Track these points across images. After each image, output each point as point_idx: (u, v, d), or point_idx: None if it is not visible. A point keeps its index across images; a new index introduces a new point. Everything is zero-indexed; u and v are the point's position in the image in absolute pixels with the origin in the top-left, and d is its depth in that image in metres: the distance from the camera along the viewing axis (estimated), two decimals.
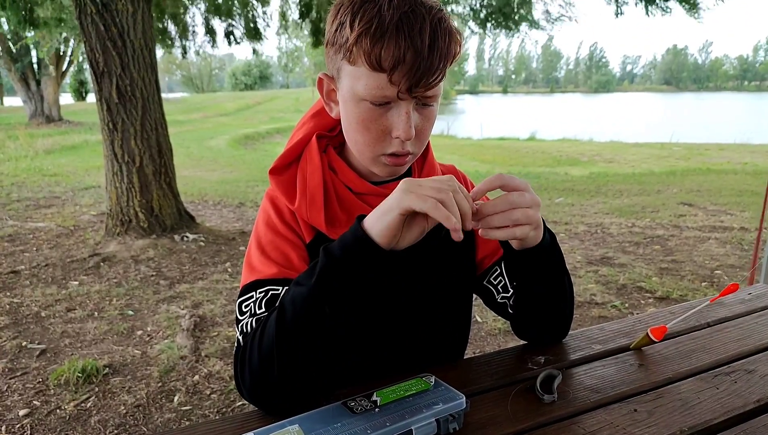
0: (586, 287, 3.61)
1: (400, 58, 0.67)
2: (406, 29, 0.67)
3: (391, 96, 0.71)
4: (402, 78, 0.69)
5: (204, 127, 18.37)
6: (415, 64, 0.67)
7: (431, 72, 0.69)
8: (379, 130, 0.75)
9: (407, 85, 0.69)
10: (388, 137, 0.75)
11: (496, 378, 0.85)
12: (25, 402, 2.29)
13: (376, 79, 0.70)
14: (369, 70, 0.69)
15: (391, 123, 0.74)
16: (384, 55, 0.67)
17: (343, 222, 0.83)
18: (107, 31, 4.08)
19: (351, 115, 0.76)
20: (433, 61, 0.68)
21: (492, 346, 2.84)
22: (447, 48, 0.70)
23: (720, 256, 4.25)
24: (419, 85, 0.69)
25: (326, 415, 0.68)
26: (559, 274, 0.85)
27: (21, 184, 7.34)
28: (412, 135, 0.74)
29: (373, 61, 0.68)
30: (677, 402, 0.79)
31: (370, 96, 0.72)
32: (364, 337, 0.88)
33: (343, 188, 0.85)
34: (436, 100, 0.75)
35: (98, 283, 3.65)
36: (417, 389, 0.74)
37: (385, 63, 0.68)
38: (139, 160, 4.39)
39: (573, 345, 0.97)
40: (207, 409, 2.28)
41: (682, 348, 0.96)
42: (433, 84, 0.71)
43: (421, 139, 0.79)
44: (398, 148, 0.76)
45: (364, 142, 0.77)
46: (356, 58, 0.70)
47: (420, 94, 0.72)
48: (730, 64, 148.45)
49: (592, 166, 10.34)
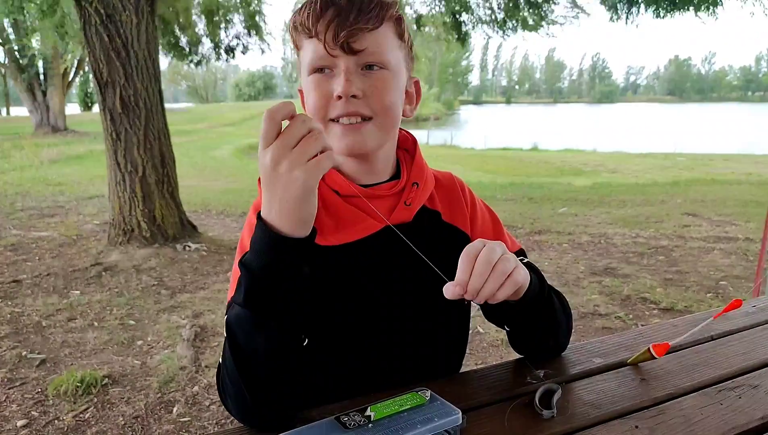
0: (589, 298, 3.58)
1: (320, 14, 0.75)
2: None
3: (324, 55, 0.76)
4: (325, 31, 0.75)
5: (208, 137, 18.48)
6: (334, 14, 0.74)
7: (349, 18, 0.74)
8: (322, 93, 0.78)
9: (332, 35, 0.74)
10: (332, 100, 0.78)
11: (493, 392, 0.83)
12: (24, 412, 2.27)
13: (311, 45, 0.77)
14: (306, 41, 0.78)
15: (334, 86, 0.77)
16: (309, 20, 0.76)
17: (329, 228, 0.83)
18: (111, 42, 4.11)
19: (306, 93, 0.81)
20: (352, 8, 0.74)
21: (494, 358, 2.81)
22: (367, 4, 0.75)
23: (725, 267, 4.22)
24: (341, 32, 0.74)
25: (318, 431, 0.67)
26: (551, 305, 0.86)
27: (25, 194, 7.38)
28: (352, 90, 0.76)
29: (305, 29, 0.77)
30: (680, 418, 0.77)
31: (311, 63, 0.78)
32: (356, 348, 0.87)
33: (330, 193, 0.84)
34: (379, 61, 0.77)
35: (100, 292, 3.65)
36: (412, 404, 0.72)
37: (310, 24, 0.76)
38: (142, 170, 4.40)
39: (573, 358, 0.95)
40: (206, 420, 2.26)
41: (685, 362, 0.94)
42: (355, 28, 0.74)
43: (376, 103, 0.78)
44: (342, 109, 0.77)
45: (315, 110, 0.79)
46: (299, 39, 0.79)
47: (345, 41, 0.74)
48: (734, 75, 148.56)
49: (595, 176, 10.32)
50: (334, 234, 0.83)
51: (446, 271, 0.91)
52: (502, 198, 7.42)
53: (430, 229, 0.90)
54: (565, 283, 3.90)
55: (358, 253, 0.84)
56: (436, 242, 0.90)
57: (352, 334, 0.86)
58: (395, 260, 0.86)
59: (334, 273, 0.84)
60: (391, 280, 0.87)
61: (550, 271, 4.17)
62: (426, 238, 0.88)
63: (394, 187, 0.86)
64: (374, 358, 0.86)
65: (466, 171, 11.11)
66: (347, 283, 0.85)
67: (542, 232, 5.40)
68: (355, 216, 0.84)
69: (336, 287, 0.84)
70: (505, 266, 0.69)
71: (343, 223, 0.83)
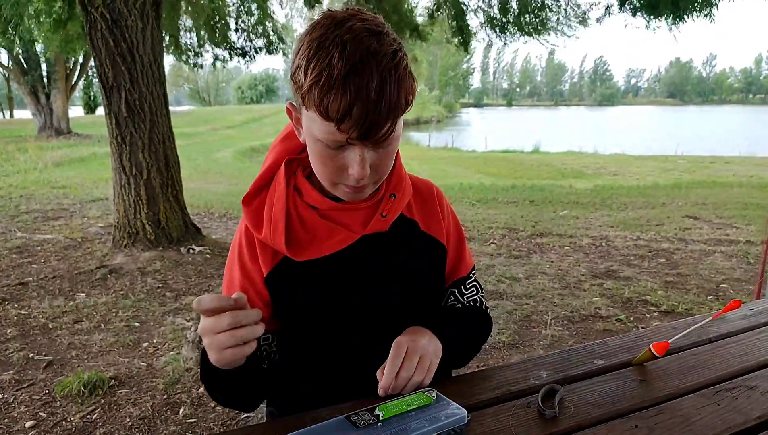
0: (590, 301, 3.60)
1: (347, 110, 0.68)
2: (352, 82, 0.67)
3: (343, 141, 0.73)
4: (350, 129, 0.70)
5: (211, 140, 18.51)
6: (362, 116, 0.68)
7: (379, 124, 0.70)
8: (335, 166, 0.77)
9: (356, 134, 0.71)
10: (344, 173, 0.77)
11: (497, 392, 0.86)
12: (32, 414, 2.30)
13: (327, 126, 0.71)
14: (320, 118, 0.71)
15: (347, 162, 0.76)
16: (332, 108, 0.68)
17: (305, 243, 0.86)
18: (117, 46, 4.14)
19: (311, 149, 0.79)
20: (381, 114, 0.69)
21: (496, 360, 2.83)
22: (396, 100, 0.70)
23: (726, 270, 4.23)
24: (368, 136, 0.71)
25: (329, 429, 0.70)
26: (471, 339, 1.01)
27: (30, 196, 7.41)
28: (366, 174, 0.76)
29: (322, 111, 0.70)
30: (678, 418, 0.79)
31: (324, 139, 0.73)
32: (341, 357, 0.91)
33: (307, 209, 0.87)
34: (392, 142, 0.76)
35: (105, 294, 3.67)
36: (419, 403, 0.75)
37: (333, 114, 0.69)
38: (147, 173, 4.43)
39: (575, 360, 0.97)
40: (212, 421, 2.28)
41: (684, 364, 0.96)
42: (382, 136, 0.72)
43: (380, 173, 0.80)
44: (354, 183, 0.78)
45: (323, 174, 0.80)
46: (309, 105, 0.71)
47: (371, 142, 0.73)
48: (735, 77, 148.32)
49: (596, 178, 10.33)
50: (309, 248, 0.86)
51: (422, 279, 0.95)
52: (503, 200, 7.44)
53: (407, 239, 0.93)
54: (566, 285, 3.92)
55: (335, 265, 0.87)
56: (413, 251, 0.93)
57: (338, 344, 0.91)
58: (374, 268, 0.90)
59: (314, 287, 0.88)
60: (371, 289, 0.90)
61: (551, 273, 4.19)
62: (403, 247, 0.92)
63: (372, 199, 0.88)
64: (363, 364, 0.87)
65: (468, 173, 11.13)
66: (329, 296, 0.88)
67: (543, 234, 5.42)
68: (330, 229, 0.86)
69: (319, 300, 0.88)
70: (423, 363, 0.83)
71: (318, 237, 0.86)
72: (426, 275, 0.95)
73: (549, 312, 3.42)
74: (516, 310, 3.44)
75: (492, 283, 3.93)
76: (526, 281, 4.02)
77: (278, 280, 0.87)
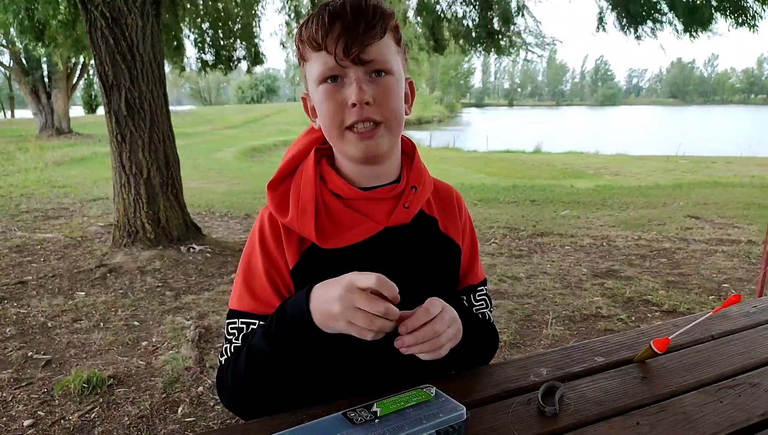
0: (591, 300, 3.59)
1: (328, 29, 0.77)
2: (330, 8, 0.78)
3: (335, 66, 0.78)
4: (335, 45, 0.77)
5: (212, 140, 18.52)
6: (342, 29, 0.77)
7: (358, 32, 0.77)
8: (336, 103, 0.80)
9: (342, 48, 0.77)
10: (346, 108, 0.80)
11: (497, 389, 0.85)
12: (30, 412, 2.29)
13: (320, 57, 0.79)
14: (314, 53, 0.80)
15: (346, 93, 0.80)
16: (317, 34, 0.78)
17: (330, 232, 0.85)
18: (117, 45, 4.14)
19: (317, 103, 0.83)
20: (358, 23, 0.77)
21: (496, 359, 2.81)
22: (372, 13, 0.78)
23: (727, 270, 4.22)
24: (352, 47, 0.77)
25: (326, 426, 0.69)
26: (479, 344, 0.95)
27: (30, 196, 7.41)
28: (364, 98, 0.78)
29: (312, 42, 0.79)
30: (680, 415, 0.78)
31: (321, 74, 0.80)
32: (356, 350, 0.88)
33: (331, 197, 0.87)
34: (385, 68, 0.80)
35: (104, 293, 3.67)
36: (417, 400, 0.74)
37: (318, 38, 0.78)
38: (147, 172, 4.43)
39: (576, 357, 0.96)
40: (211, 420, 2.27)
41: (686, 361, 0.95)
42: (364, 43, 0.77)
43: (385, 108, 0.81)
44: (358, 116, 0.79)
45: (328, 118, 0.82)
46: (306, 52, 0.81)
47: (356, 55, 0.77)
48: (737, 78, 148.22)
49: (598, 178, 10.32)
50: (335, 237, 0.86)
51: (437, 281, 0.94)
52: (504, 200, 7.43)
53: (426, 236, 0.93)
54: (568, 285, 3.91)
55: (359, 256, 0.86)
56: (431, 249, 0.93)
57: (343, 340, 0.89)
58: (395, 261, 0.89)
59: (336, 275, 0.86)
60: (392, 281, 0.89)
61: (552, 273, 4.18)
62: (423, 244, 0.92)
63: (394, 190, 0.89)
64: (375, 359, 0.87)
65: (469, 173, 11.13)
66: None
67: (545, 234, 5.41)
68: (354, 219, 0.86)
69: None
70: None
71: (343, 226, 0.86)
72: (441, 278, 0.95)
73: (550, 311, 3.41)
74: (517, 310, 3.43)
75: (493, 283, 3.92)
76: (527, 281, 4.01)
77: (304, 271, 0.87)
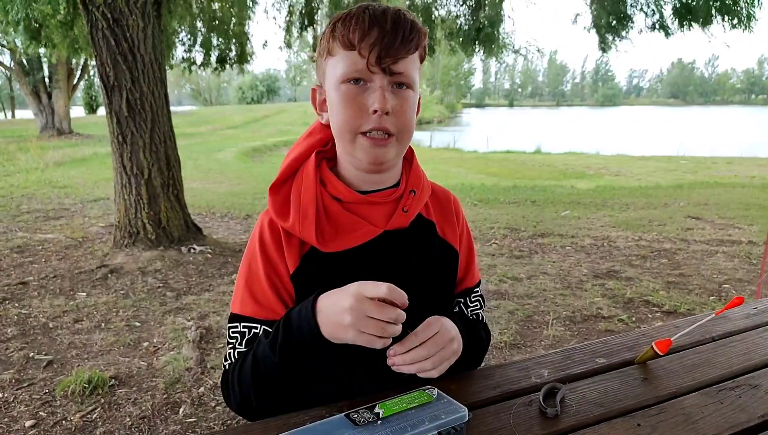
0: (592, 301, 3.59)
1: (366, 32, 0.78)
2: (370, 12, 0.79)
3: (363, 70, 0.79)
4: (369, 50, 0.78)
5: (212, 140, 18.53)
6: (379, 36, 0.77)
7: (394, 44, 0.78)
8: (357, 106, 0.81)
9: (375, 55, 0.77)
10: (366, 114, 0.80)
11: (498, 391, 0.85)
12: (32, 413, 2.30)
13: (350, 57, 0.79)
14: (344, 51, 0.80)
15: (369, 99, 0.80)
16: (353, 35, 0.78)
17: (329, 235, 0.86)
18: (118, 46, 4.14)
19: (334, 102, 0.83)
20: (396, 36, 0.78)
21: (497, 359, 2.82)
22: (409, 28, 0.79)
23: (728, 270, 4.22)
24: (385, 56, 0.78)
25: (329, 427, 0.69)
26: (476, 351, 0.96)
27: (31, 196, 7.42)
28: (388, 107, 0.79)
29: (345, 41, 0.79)
30: (681, 417, 0.78)
31: (347, 74, 0.80)
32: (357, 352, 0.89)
33: (331, 201, 0.88)
34: (408, 82, 0.81)
35: (105, 294, 3.67)
36: (419, 401, 0.74)
37: (354, 39, 0.78)
38: (148, 173, 4.43)
39: (577, 358, 0.97)
40: (212, 421, 2.28)
41: (687, 362, 0.95)
42: (397, 55, 0.78)
43: (400, 121, 0.82)
44: (376, 124, 0.80)
45: (346, 120, 0.82)
46: (334, 48, 0.81)
47: (388, 65, 0.78)
48: (737, 78, 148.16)
49: (598, 179, 10.32)
50: (335, 241, 0.86)
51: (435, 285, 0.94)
52: (504, 201, 7.43)
53: (425, 239, 0.94)
54: (568, 285, 3.91)
55: (358, 259, 0.87)
56: (430, 253, 0.94)
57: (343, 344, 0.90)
58: (394, 264, 0.90)
59: (336, 279, 0.86)
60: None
61: (552, 273, 4.18)
62: (421, 248, 0.93)
63: (393, 194, 0.90)
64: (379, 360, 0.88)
65: (470, 173, 11.12)
66: None
67: (545, 234, 5.41)
68: (354, 223, 0.87)
69: None
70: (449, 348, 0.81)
71: (343, 230, 0.87)
72: (439, 282, 0.96)
73: (550, 312, 3.41)
74: (517, 311, 3.43)
75: (494, 283, 3.93)
76: (527, 281, 4.01)
77: (304, 275, 0.87)
